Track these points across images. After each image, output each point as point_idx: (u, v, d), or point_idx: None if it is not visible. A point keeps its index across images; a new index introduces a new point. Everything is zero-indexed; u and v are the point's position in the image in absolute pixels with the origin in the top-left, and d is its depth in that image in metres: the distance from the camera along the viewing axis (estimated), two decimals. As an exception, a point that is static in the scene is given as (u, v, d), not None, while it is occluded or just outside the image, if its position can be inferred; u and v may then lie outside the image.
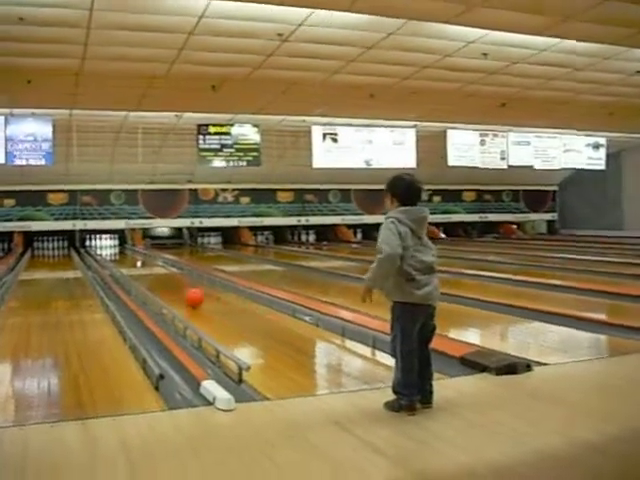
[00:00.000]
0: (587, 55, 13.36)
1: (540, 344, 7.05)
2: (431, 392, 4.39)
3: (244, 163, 20.03)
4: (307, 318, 8.14)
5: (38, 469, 3.50)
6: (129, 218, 24.12)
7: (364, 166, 21.26)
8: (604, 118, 19.62)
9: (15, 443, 3.87)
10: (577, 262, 14.46)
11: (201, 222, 25.07)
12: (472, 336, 7.66)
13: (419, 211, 4.40)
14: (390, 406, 4.33)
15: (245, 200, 25.53)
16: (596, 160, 24.85)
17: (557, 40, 12.13)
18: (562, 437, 3.85)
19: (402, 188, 4.45)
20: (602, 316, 8.38)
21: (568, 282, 11.06)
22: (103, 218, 23.82)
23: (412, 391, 4.26)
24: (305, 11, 10.48)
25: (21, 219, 22.90)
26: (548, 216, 30.06)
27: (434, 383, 4.44)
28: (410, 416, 4.20)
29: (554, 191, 29.80)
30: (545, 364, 5.58)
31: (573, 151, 24.31)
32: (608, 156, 25.07)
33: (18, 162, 17.88)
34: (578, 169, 25.37)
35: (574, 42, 12.15)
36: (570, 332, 7.20)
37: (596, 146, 24.76)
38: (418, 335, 4.34)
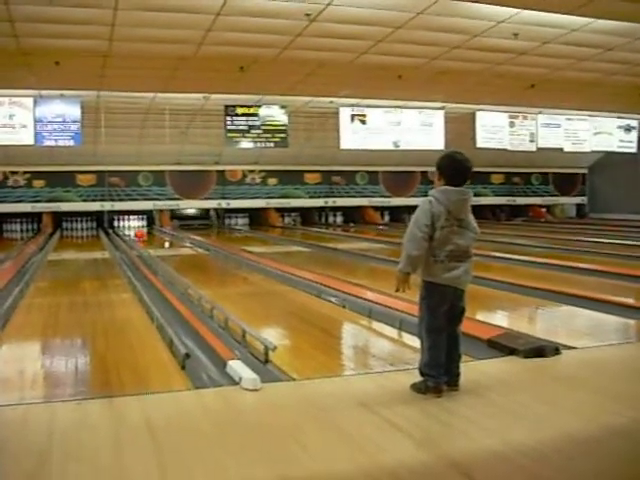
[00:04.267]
0: (619, 35, 13.08)
1: (568, 328, 6.99)
2: (458, 374, 4.37)
3: (272, 144, 19.97)
4: (334, 299, 8.14)
5: (64, 445, 3.51)
6: (157, 199, 24.24)
7: (392, 148, 21.09)
8: (636, 100, 19.27)
9: (42, 419, 3.91)
10: (606, 246, 14.30)
11: (228, 203, 25.09)
12: (500, 319, 7.63)
13: (460, 193, 4.34)
14: (417, 388, 4.30)
15: (272, 181, 25.50)
16: (627, 143, 24.39)
17: (588, 20, 11.90)
18: (589, 421, 3.82)
19: (450, 167, 4.41)
20: (631, 300, 8.25)
21: (597, 266, 10.93)
22: (131, 199, 23.94)
23: (439, 372, 4.24)
24: (333, -10, 10.41)
25: (50, 200, 23.06)
26: (577, 200, 29.61)
27: (461, 365, 4.41)
28: (436, 398, 4.18)
29: (584, 174, 29.37)
30: (573, 348, 5.52)
31: (604, 133, 23.92)
32: (640, 139, 24.68)
33: (47, 143, 18.02)
34: (609, 152, 25.00)
35: (606, 21, 11.92)
36: (599, 316, 7.12)
37: (628, 129, 24.31)
38: (446, 316, 4.31)
